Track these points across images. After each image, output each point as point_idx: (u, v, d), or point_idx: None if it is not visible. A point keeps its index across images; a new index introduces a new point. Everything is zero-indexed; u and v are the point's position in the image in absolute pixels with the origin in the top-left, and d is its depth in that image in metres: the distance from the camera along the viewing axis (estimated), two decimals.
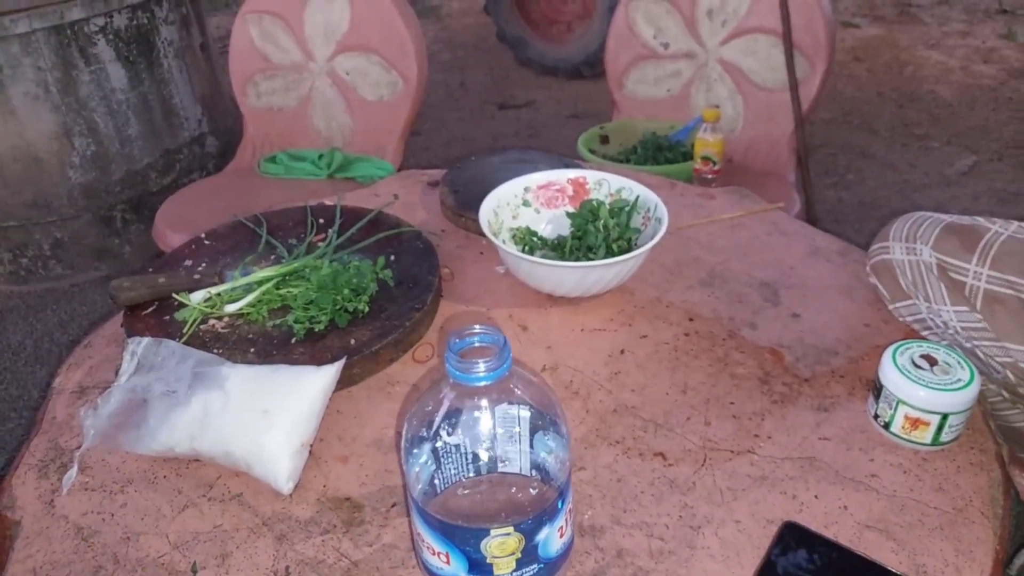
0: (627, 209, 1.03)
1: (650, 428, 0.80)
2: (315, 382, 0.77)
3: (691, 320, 0.95)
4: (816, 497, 0.71)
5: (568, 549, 0.46)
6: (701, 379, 0.86)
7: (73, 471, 0.76)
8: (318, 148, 2.06)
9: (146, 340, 0.83)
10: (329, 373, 0.78)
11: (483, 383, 0.39)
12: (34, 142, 2.17)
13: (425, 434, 0.42)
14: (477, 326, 0.39)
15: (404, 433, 0.44)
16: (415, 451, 0.43)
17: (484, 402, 0.41)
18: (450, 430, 0.42)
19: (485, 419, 0.41)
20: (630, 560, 0.66)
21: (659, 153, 1.91)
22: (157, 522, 0.72)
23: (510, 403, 0.42)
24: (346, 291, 0.91)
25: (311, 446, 0.76)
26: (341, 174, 1.96)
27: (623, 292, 1.01)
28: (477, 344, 0.40)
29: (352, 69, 2.01)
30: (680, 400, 0.83)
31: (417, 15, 2.03)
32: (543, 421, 0.43)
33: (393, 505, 0.72)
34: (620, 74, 2.07)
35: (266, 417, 0.74)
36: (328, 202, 1.18)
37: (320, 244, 1.04)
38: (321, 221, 1.11)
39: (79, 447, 0.79)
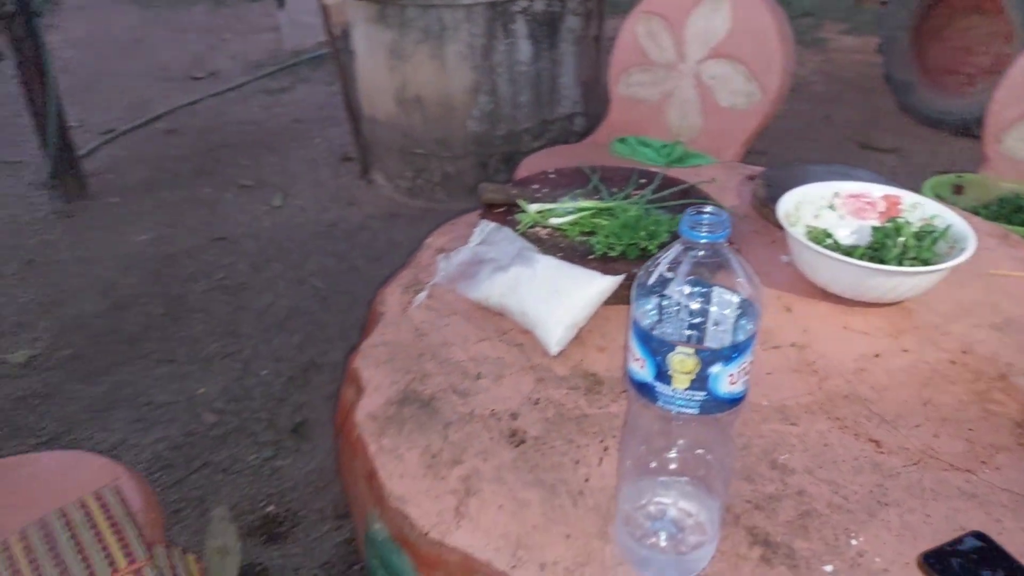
0: (934, 235, 1.04)
1: (875, 420, 0.87)
2: (597, 284, 0.98)
3: (964, 352, 0.96)
4: None
5: (735, 402, 0.60)
6: (948, 401, 0.88)
7: (423, 294, 1.08)
8: (664, 140, 2.28)
9: (492, 224, 1.12)
10: (609, 281, 0.99)
11: (704, 240, 0.55)
12: (452, 92, 2.74)
13: (653, 285, 0.60)
14: (709, 206, 0.55)
15: (637, 279, 0.62)
16: (641, 300, 0.61)
17: (706, 272, 0.57)
18: (673, 290, 0.58)
19: (702, 294, 0.57)
20: (807, 501, 0.76)
21: (1016, 215, 1.77)
22: (464, 341, 1.00)
23: (725, 287, 0.58)
24: (643, 232, 1.10)
25: (579, 329, 0.98)
26: (677, 165, 2.15)
27: (901, 309, 1.04)
28: (706, 220, 0.56)
29: (717, 75, 2.18)
30: (917, 410, 0.87)
31: (801, 44, 2.12)
32: (748, 310, 0.58)
33: (623, 391, 0.91)
34: (1001, 128, 1.94)
35: (556, 296, 0.98)
36: (654, 169, 1.39)
37: (636, 196, 1.26)
38: (643, 181, 1.32)
39: (431, 281, 1.11)
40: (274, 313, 2.42)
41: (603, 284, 0.98)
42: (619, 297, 1.02)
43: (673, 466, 0.69)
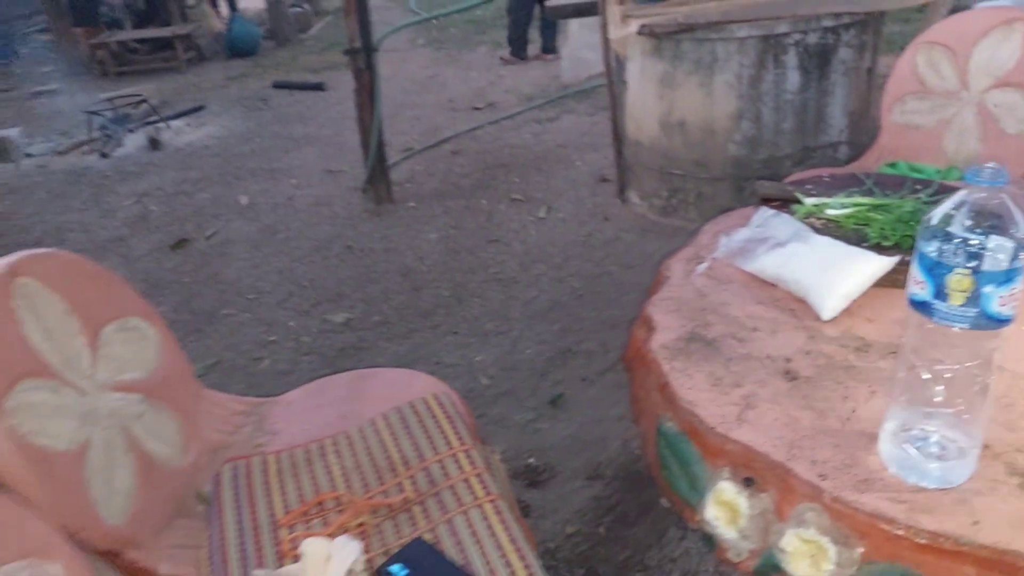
0: None
1: None
2: (873, 262, 1.11)
3: None
4: None
5: (1002, 323, 0.71)
6: None
7: (704, 265, 1.28)
8: (938, 166, 2.26)
9: (772, 211, 1.29)
10: (885, 261, 1.11)
11: (985, 184, 0.68)
12: (715, 117, 2.92)
13: (939, 223, 0.73)
14: (991, 162, 0.68)
15: (923, 220, 0.76)
16: (926, 234, 0.75)
17: (986, 212, 0.70)
18: (956, 225, 0.72)
19: (981, 229, 0.70)
20: None
21: None
22: (741, 302, 1.18)
23: (1002, 226, 0.70)
24: (918, 226, 1.20)
25: (851, 301, 1.11)
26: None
27: None
28: (988, 170, 0.69)
29: (1003, 103, 2.13)
30: None
31: None
32: (1022, 244, 0.70)
33: (892, 352, 1.02)
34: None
35: (831, 268, 1.12)
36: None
37: (911, 198, 1.35)
38: (917, 187, 1.40)
39: (712, 255, 1.30)
40: (538, 304, 2.75)
41: (879, 262, 1.11)
42: (891, 281, 1.14)
43: (939, 399, 0.82)
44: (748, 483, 0.89)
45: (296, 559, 1.08)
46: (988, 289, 0.69)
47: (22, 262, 1.22)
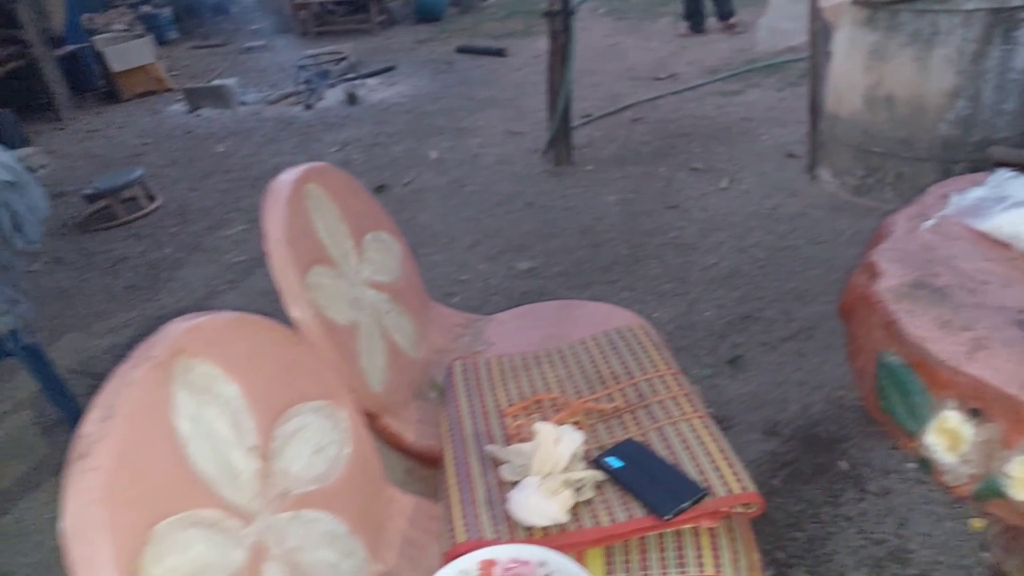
0: None
1: None
2: None
3: None
4: None
5: None
6: None
7: (931, 222, 1.30)
8: None
9: (1010, 172, 1.28)
10: None
11: None
12: (927, 94, 2.78)
13: None
14: None
15: None
16: None
17: None
18: None
19: None
20: None
21: None
22: (970, 258, 1.19)
23: None
24: None
25: None
26: None
27: None
28: None
29: None
30: None
31: None
32: None
33: None
34: None
35: None
36: None
37: None
38: None
39: (939, 213, 1.31)
40: (717, 270, 2.79)
41: None
42: None
43: None
44: (974, 413, 0.93)
45: (522, 441, 1.24)
46: None
47: (309, 172, 1.46)
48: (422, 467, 1.42)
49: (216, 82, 6.21)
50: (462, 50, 6.76)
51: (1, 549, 2.02)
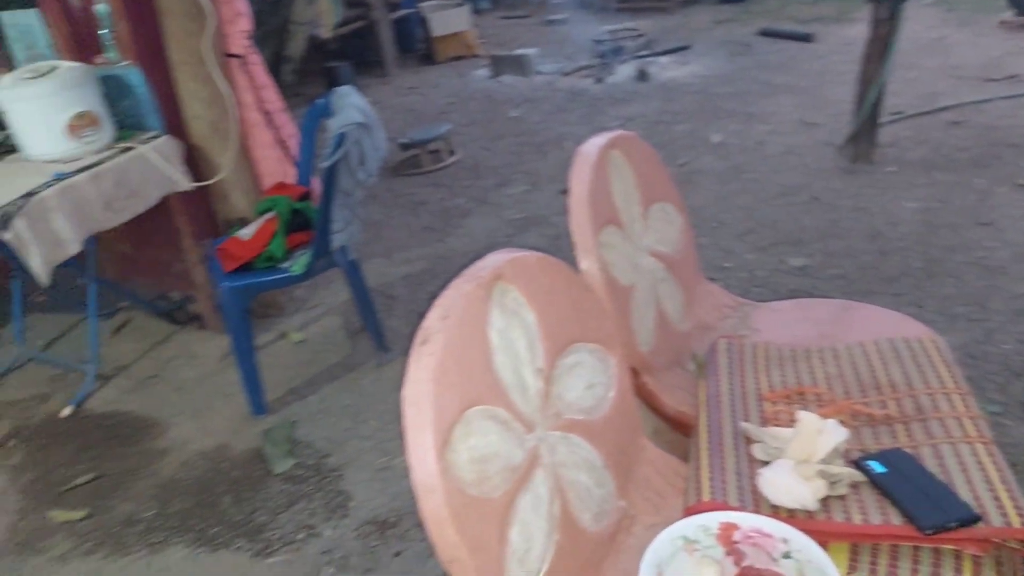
0: None
1: None
2: None
3: None
4: None
5: None
6: None
7: None
8: None
9: None
10: None
11: None
12: None
13: None
14: None
15: None
16: None
17: None
18: None
19: None
20: None
21: None
22: None
23: None
24: None
25: None
26: None
27: None
28: None
29: None
30: None
31: None
32: None
33: None
34: None
35: None
36: None
37: None
38: None
39: None
40: None
41: None
42: None
43: None
44: None
45: (779, 427, 1.25)
46: None
47: (616, 139, 1.57)
48: (669, 431, 1.49)
49: (518, 51, 6.66)
50: (765, 33, 6.48)
51: (305, 420, 2.48)
